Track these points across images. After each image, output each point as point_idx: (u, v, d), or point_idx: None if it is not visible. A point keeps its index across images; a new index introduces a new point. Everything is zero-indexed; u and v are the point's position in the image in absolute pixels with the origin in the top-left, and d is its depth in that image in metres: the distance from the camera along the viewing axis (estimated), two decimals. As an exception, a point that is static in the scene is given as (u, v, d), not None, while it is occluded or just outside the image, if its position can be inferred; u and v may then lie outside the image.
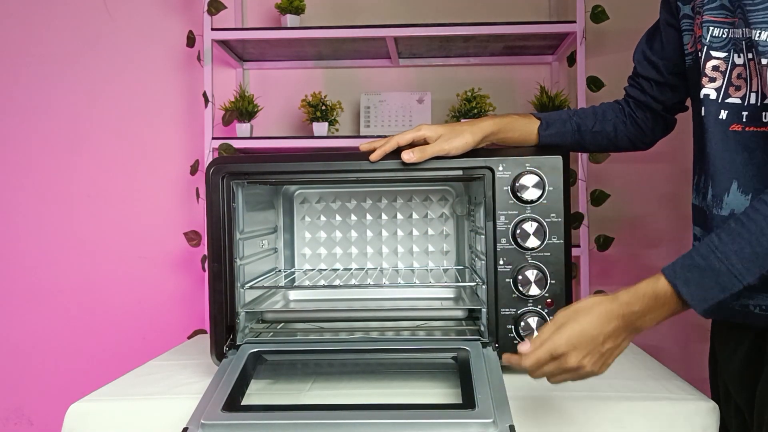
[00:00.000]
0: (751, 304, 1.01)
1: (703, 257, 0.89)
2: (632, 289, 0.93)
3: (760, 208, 0.89)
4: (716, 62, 1.04)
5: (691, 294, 0.89)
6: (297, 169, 1.25)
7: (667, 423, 1.09)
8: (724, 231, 0.90)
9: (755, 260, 0.87)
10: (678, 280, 0.90)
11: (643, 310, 0.92)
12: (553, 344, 0.92)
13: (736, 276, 0.88)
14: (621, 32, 2.44)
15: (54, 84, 2.59)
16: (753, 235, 0.87)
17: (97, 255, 2.57)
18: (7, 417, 2.60)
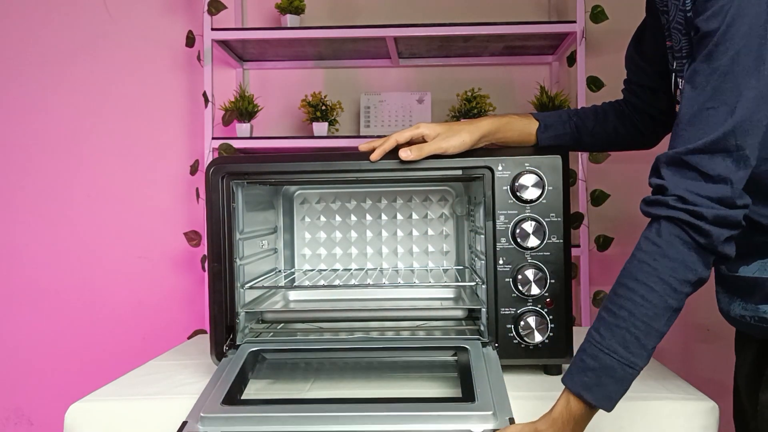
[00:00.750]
0: (747, 315, 1.01)
1: (593, 358, 0.91)
2: (549, 418, 0.93)
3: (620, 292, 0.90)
4: None
5: (595, 398, 0.91)
6: (297, 169, 1.25)
7: (667, 423, 1.09)
8: (601, 325, 0.91)
9: (638, 344, 0.89)
10: (579, 388, 0.91)
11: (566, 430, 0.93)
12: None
13: (629, 365, 0.90)
14: (621, 32, 2.43)
15: (54, 84, 2.59)
16: (627, 321, 0.89)
17: (97, 255, 2.57)
18: (7, 417, 2.60)
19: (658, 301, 0.89)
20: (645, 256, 0.90)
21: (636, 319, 0.89)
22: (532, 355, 1.21)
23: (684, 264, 0.89)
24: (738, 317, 1.03)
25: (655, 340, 0.90)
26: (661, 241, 0.90)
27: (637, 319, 0.89)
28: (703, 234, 0.88)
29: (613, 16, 2.27)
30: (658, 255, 0.89)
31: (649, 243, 0.91)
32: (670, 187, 0.90)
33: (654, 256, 0.89)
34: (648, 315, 0.89)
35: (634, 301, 0.89)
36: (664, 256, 0.89)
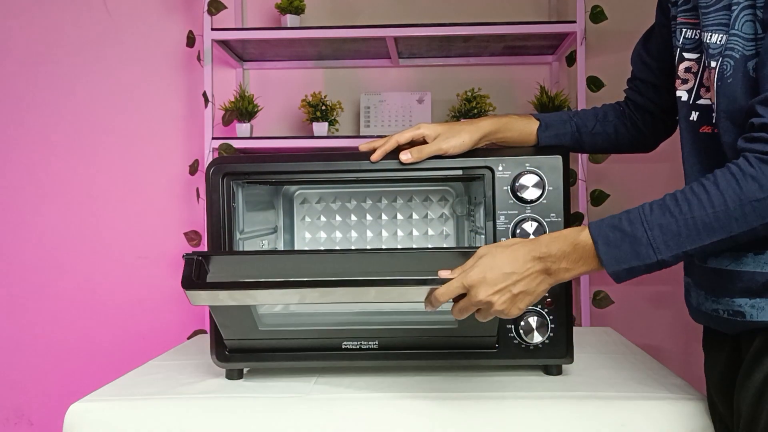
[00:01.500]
0: (720, 309, 1.00)
1: (630, 222, 0.89)
2: (556, 233, 0.93)
3: (698, 191, 0.88)
4: (688, 64, 1.04)
5: (607, 253, 0.89)
6: (297, 169, 1.25)
7: (667, 423, 1.09)
8: (657, 203, 0.90)
9: (676, 239, 0.87)
10: (600, 237, 0.90)
11: (559, 255, 0.91)
12: (465, 276, 0.92)
13: (654, 248, 0.88)
14: (621, 32, 2.44)
15: (54, 84, 2.59)
16: (682, 215, 0.87)
17: (97, 255, 2.57)
18: (7, 417, 2.60)
19: (723, 217, 0.86)
20: (738, 172, 0.86)
21: (691, 218, 0.87)
22: (532, 355, 1.21)
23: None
24: (710, 312, 1.03)
25: (693, 246, 0.87)
26: (758, 171, 0.85)
27: (692, 219, 0.87)
28: None
29: (612, 16, 2.27)
30: (751, 179, 0.85)
31: (747, 165, 0.86)
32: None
33: (746, 177, 0.86)
34: (705, 222, 0.86)
35: (702, 203, 0.87)
36: (756, 182, 0.85)
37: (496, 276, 0.91)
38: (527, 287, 0.92)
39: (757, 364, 0.95)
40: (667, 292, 2.47)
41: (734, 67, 0.93)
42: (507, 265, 0.92)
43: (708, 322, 1.06)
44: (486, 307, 0.93)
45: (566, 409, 1.11)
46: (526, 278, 0.92)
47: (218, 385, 1.23)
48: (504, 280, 0.91)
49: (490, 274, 0.91)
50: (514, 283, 0.92)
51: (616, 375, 1.25)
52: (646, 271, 0.90)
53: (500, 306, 0.92)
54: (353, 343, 1.24)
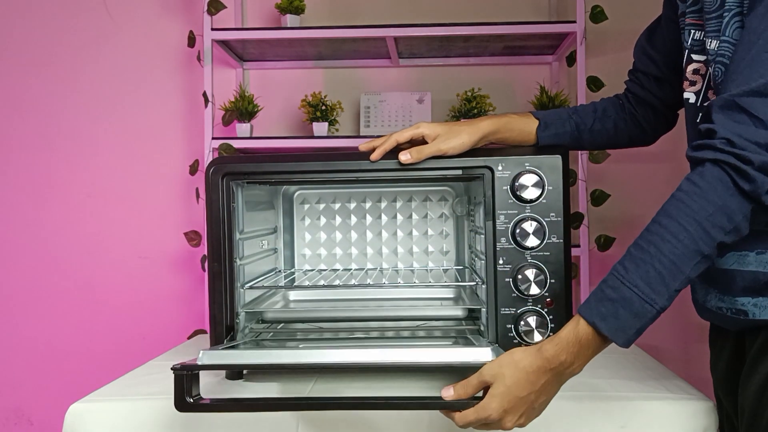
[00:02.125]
0: (724, 306, 1.01)
1: (613, 289, 0.89)
2: (555, 338, 0.91)
3: (655, 229, 0.88)
4: (696, 65, 1.03)
5: (609, 328, 0.88)
6: (297, 169, 1.25)
7: (667, 423, 1.09)
8: (627, 258, 0.89)
9: (662, 281, 0.87)
10: (595, 317, 0.89)
11: (570, 359, 0.91)
12: (485, 412, 0.90)
13: (648, 302, 0.87)
14: (621, 32, 2.44)
15: (54, 84, 2.59)
16: (653, 257, 0.87)
17: (97, 255, 2.57)
18: (7, 417, 2.60)
19: (688, 242, 0.86)
20: (683, 195, 0.87)
21: (663, 257, 0.86)
22: (532, 355, 1.21)
23: (722, 209, 0.85)
24: (714, 309, 1.03)
25: (680, 282, 0.87)
26: (702, 182, 0.86)
27: (664, 257, 0.86)
28: (748, 179, 0.85)
29: (612, 16, 2.27)
30: (697, 195, 0.86)
31: (689, 183, 0.87)
32: (718, 130, 0.87)
33: (692, 196, 0.86)
34: (676, 254, 0.86)
35: (664, 238, 0.87)
36: (702, 197, 0.86)
37: (516, 404, 0.91)
38: (546, 396, 0.93)
39: (760, 361, 0.95)
40: (667, 292, 2.47)
41: (725, 72, 0.93)
42: (523, 390, 0.91)
43: (713, 319, 1.06)
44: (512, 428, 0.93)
45: (566, 409, 1.11)
46: (543, 392, 0.92)
47: (218, 385, 1.23)
48: (524, 403, 0.91)
49: (509, 404, 0.90)
50: (534, 401, 0.92)
51: (617, 375, 1.25)
52: (650, 323, 0.89)
53: (526, 420, 0.93)
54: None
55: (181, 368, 0.99)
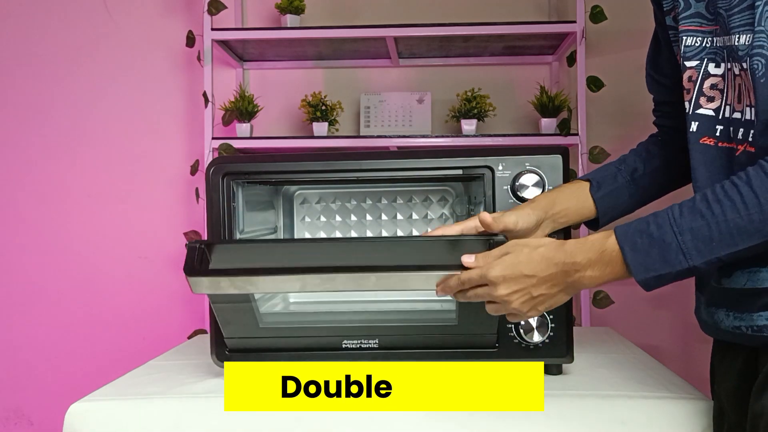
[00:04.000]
0: (742, 326, 0.98)
1: (658, 226, 0.85)
2: (582, 239, 0.89)
3: (730, 191, 0.83)
4: (690, 72, 1.00)
5: (635, 260, 0.85)
6: (297, 169, 1.25)
7: (667, 422, 1.09)
8: (686, 205, 0.85)
9: (708, 244, 0.83)
10: (627, 243, 0.86)
11: (585, 263, 0.88)
12: (487, 269, 0.91)
13: (685, 254, 0.83)
14: (621, 32, 2.44)
15: (54, 84, 2.59)
16: (715, 217, 0.83)
17: (97, 255, 2.57)
18: (7, 417, 2.60)
19: (757, 220, 0.81)
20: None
21: (725, 222, 0.82)
22: (532, 354, 1.21)
23: None
24: (731, 329, 0.98)
25: (727, 253, 0.83)
26: None
27: (725, 222, 0.82)
28: None
29: (612, 16, 2.27)
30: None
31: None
32: None
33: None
34: (739, 226, 0.81)
35: (735, 205, 0.82)
36: None
37: (517, 276, 0.90)
38: (548, 291, 0.91)
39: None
40: (667, 292, 2.45)
41: (765, 65, 0.88)
42: (529, 267, 0.90)
43: (726, 338, 1.02)
44: (503, 304, 0.92)
45: (566, 408, 1.11)
46: (547, 283, 0.90)
47: (218, 385, 1.23)
48: (524, 281, 0.90)
49: (510, 272, 0.90)
50: (534, 286, 0.90)
51: (616, 374, 1.25)
52: (676, 278, 0.86)
53: (518, 306, 0.92)
54: (353, 342, 1.24)
55: (194, 241, 1.04)
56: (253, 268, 1.01)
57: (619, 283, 2.20)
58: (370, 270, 0.98)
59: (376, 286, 0.99)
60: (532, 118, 2.47)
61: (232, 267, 1.02)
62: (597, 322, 2.31)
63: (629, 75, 2.45)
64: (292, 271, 1.00)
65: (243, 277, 1.01)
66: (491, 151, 1.23)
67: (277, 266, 1.01)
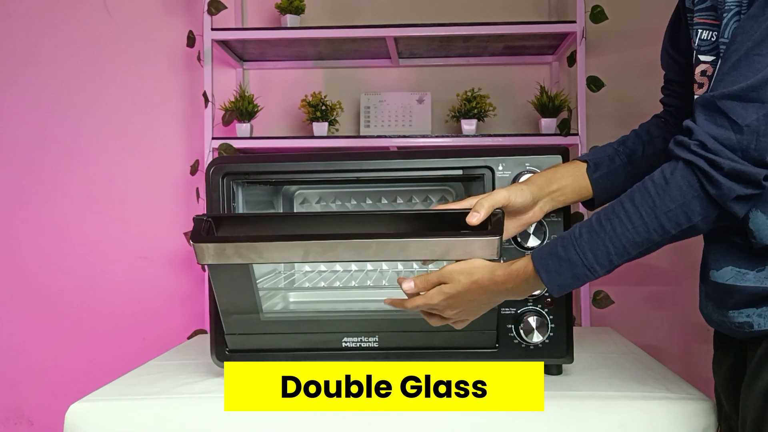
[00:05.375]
0: (726, 321, 1.00)
1: (564, 249, 0.95)
2: (508, 269, 1.00)
3: (617, 209, 0.93)
4: (704, 67, 1.01)
5: (549, 281, 0.96)
6: (297, 169, 1.25)
7: (667, 423, 1.09)
8: (585, 227, 0.95)
9: (607, 257, 0.93)
10: (541, 268, 0.96)
11: (512, 287, 1.00)
12: (432, 300, 1.03)
13: (589, 269, 0.94)
14: (621, 32, 2.44)
15: (54, 84, 2.59)
16: (608, 235, 0.93)
17: (97, 255, 2.57)
18: (7, 417, 2.60)
19: (642, 231, 0.91)
20: (651, 186, 0.91)
21: (616, 237, 0.92)
22: (532, 354, 1.21)
23: (683, 208, 0.89)
24: (719, 322, 1.03)
25: (624, 260, 0.94)
26: (671, 179, 0.90)
27: (616, 237, 0.92)
28: (714, 185, 0.87)
29: (613, 16, 2.27)
30: (662, 190, 0.90)
31: (660, 176, 0.91)
32: (696, 131, 0.88)
33: (658, 189, 0.90)
34: (628, 238, 0.92)
35: (622, 221, 0.92)
36: (667, 194, 0.90)
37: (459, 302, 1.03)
38: (487, 305, 1.05)
39: (764, 368, 0.95)
40: (667, 292, 2.47)
41: None
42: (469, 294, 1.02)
43: (719, 328, 1.06)
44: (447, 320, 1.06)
45: (566, 409, 1.11)
46: (485, 303, 1.04)
47: (218, 385, 1.23)
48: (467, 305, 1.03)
49: (454, 301, 1.02)
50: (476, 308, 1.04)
51: (616, 375, 1.25)
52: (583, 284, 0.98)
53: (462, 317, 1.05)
54: (354, 340, 1.24)
55: (201, 215, 1.11)
56: (256, 235, 1.06)
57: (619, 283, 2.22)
58: (370, 237, 1.03)
59: (377, 254, 1.03)
60: (532, 118, 2.47)
61: (237, 235, 1.08)
62: (597, 322, 2.31)
63: (629, 75, 2.45)
64: (295, 238, 1.04)
65: (247, 243, 1.05)
66: (491, 151, 1.23)
67: (280, 234, 1.06)
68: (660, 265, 2.46)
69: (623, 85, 2.42)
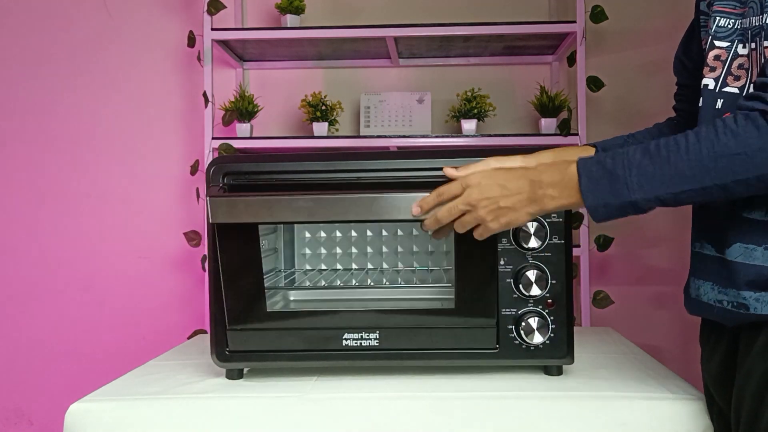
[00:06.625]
0: (725, 300, 1.01)
1: (613, 161, 0.94)
2: (550, 163, 1.01)
3: (680, 139, 0.92)
4: (718, 51, 1.04)
5: (587, 186, 0.95)
6: (297, 168, 1.25)
7: (667, 422, 1.10)
8: (640, 148, 0.94)
9: (650, 181, 0.92)
10: (584, 171, 0.96)
11: (549, 182, 0.98)
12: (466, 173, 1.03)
13: (628, 187, 0.92)
14: (621, 32, 2.44)
15: (53, 84, 2.59)
16: (660, 158, 0.91)
17: (97, 255, 2.57)
18: (7, 417, 2.60)
19: (696, 166, 0.90)
20: (721, 126, 0.90)
21: (668, 165, 0.91)
22: (533, 355, 1.21)
23: (746, 155, 0.88)
24: (713, 302, 1.03)
25: (666, 194, 0.92)
26: (742, 124, 0.88)
27: (668, 165, 0.91)
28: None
29: (613, 16, 2.27)
30: (731, 133, 0.89)
31: (731, 120, 0.90)
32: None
33: (726, 131, 0.89)
34: (679, 169, 0.90)
35: (680, 151, 0.91)
36: (734, 137, 0.88)
37: (490, 184, 1.00)
38: (513, 204, 1.00)
39: (758, 360, 0.95)
40: (667, 292, 2.47)
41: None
42: (502, 177, 1.00)
43: (709, 314, 1.05)
44: (472, 211, 1.02)
45: (567, 409, 1.11)
46: (515, 196, 1.00)
47: (218, 385, 1.23)
48: (495, 191, 1.00)
49: (485, 181, 1.01)
50: (503, 196, 1.00)
51: (617, 375, 1.25)
52: (619, 211, 0.94)
53: (484, 213, 1.01)
54: (354, 337, 1.24)
55: None
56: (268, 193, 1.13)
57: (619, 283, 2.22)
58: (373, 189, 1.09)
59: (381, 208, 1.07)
60: (532, 118, 2.47)
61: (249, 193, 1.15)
62: (597, 322, 2.31)
63: (629, 75, 2.45)
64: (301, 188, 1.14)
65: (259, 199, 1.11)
66: (491, 151, 1.23)
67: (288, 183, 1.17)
68: (660, 265, 2.46)
69: (623, 85, 2.42)
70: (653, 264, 2.45)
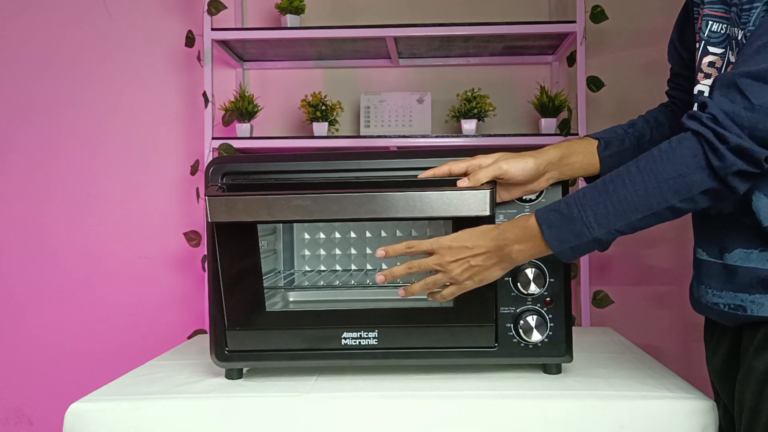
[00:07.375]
0: (721, 303, 1.01)
1: (567, 205, 0.99)
2: (511, 220, 1.05)
3: (623, 171, 0.96)
4: (712, 58, 1.03)
5: (550, 235, 0.99)
6: (297, 168, 1.25)
7: (667, 422, 1.09)
8: (590, 187, 0.98)
9: (606, 216, 0.96)
10: (544, 221, 1.00)
11: (513, 238, 1.02)
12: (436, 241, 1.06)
13: (587, 226, 0.97)
14: (621, 32, 2.44)
15: (53, 84, 2.59)
16: (609, 195, 0.96)
17: (97, 255, 2.57)
18: (7, 417, 2.60)
19: (643, 195, 0.94)
20: (657, 153, 0.94)
21: (617, 198, 0.95)
22: (531, 354, 1.21)
23: (685, 177, 0.92)
24: (710, 305, 1.04)
25: (623, 224, 0.96)
26: (678, 148, 0.92)
27: (617, 199, 0.95)
28: (718, 157, 0.89)
29: (613, 16, 2.27)
30: (667, 158, 0.93)
31: (668, 145, 0.94)
32: (710, 105, 0.91)
33: (663, 156, 0.93)
34: (628, 201, 0.95)
35: (625, 183, 0.95)
36: (671, 161, 0.92)
37: (459, 246, 1.05)
38: (484, 263, 1.05)
39: (757, 357, 0.96)
40: (667, 292, 2.47)
41: None
42: (470, 239, 1.05)
43: (710, 314, 1.07)
44: (445, 272, 1.06)
45: (566, 408, 1.11)
46: (484, 254, 1.04)
47: (218, 385, 1.23)
48: (465, 252, 1.04)
49: (455, 243, 1.05)
50: (473, 256, 1.04)
51: (616, 374, 1.25)
52: (586, 248, 0.99)
53: (457, 273, 1.05)
54: (353, 335, 1.24)
55: None
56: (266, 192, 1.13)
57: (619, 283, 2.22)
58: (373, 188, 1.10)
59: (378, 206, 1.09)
60: (532, 118, 2.47)
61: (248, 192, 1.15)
62: (597, 322, 2.31)
63: (629, 75, 2.45)
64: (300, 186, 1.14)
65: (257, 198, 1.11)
66: (491, 151, 1.23)
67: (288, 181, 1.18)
68: (660, 265, 2.46)
69: (623, 85, 2.42)
70: (653, 264, 2.46)
